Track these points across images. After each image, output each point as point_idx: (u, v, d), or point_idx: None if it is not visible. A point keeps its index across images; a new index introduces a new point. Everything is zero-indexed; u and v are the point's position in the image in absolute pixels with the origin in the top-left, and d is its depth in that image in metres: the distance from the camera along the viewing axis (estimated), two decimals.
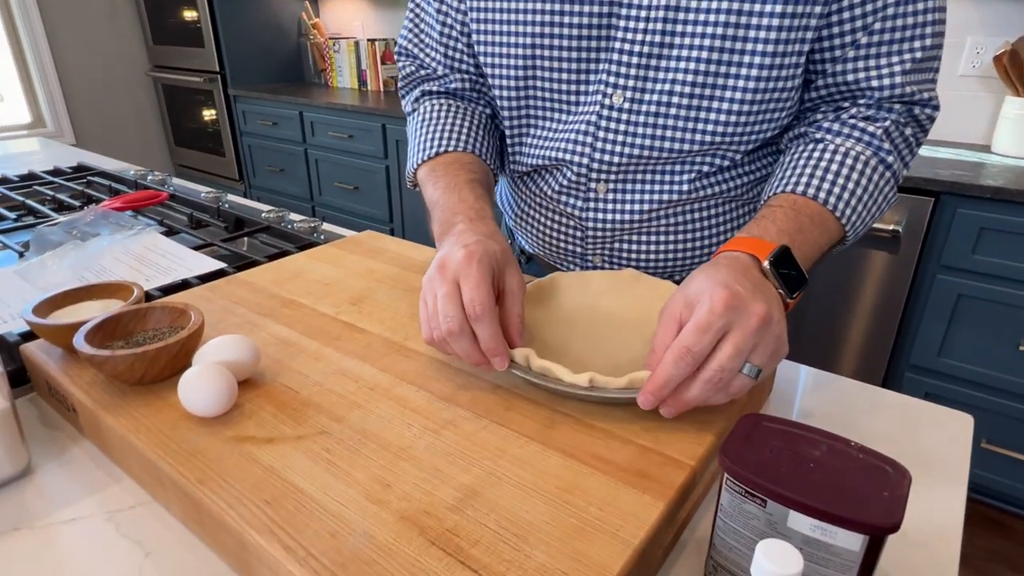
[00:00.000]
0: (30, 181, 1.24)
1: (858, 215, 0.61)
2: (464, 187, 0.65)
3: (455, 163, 0.70)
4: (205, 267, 0.80)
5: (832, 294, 1.67)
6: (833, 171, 0.60)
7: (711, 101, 0.63)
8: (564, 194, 0.73)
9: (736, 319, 0.44)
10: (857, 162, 0.61)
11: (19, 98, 3.08)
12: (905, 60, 0.60)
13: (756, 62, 0.60)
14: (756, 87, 0.61)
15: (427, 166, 0.72)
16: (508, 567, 0.35)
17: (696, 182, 0.69)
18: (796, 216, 0.57)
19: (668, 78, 0.63)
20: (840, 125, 0.63)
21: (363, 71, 3.01)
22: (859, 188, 0.60)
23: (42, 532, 0.44)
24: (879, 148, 0.62)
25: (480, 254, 0.51)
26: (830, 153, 0.61)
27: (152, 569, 0.41)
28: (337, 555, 0.36)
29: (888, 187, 0.63)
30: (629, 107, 0.65)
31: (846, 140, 0.62)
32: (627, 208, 0.71)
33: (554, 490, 0.41)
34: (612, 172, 0.69)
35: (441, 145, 0.72)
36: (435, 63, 0.77)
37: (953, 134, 1.89)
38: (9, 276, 0.76)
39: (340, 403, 0.50)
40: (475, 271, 0.49)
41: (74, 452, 0.52)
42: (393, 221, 2.68)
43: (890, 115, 0.62)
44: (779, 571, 0.28)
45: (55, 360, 0.55)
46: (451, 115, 0.75)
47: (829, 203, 0.59)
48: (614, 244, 0.74)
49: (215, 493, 0.40)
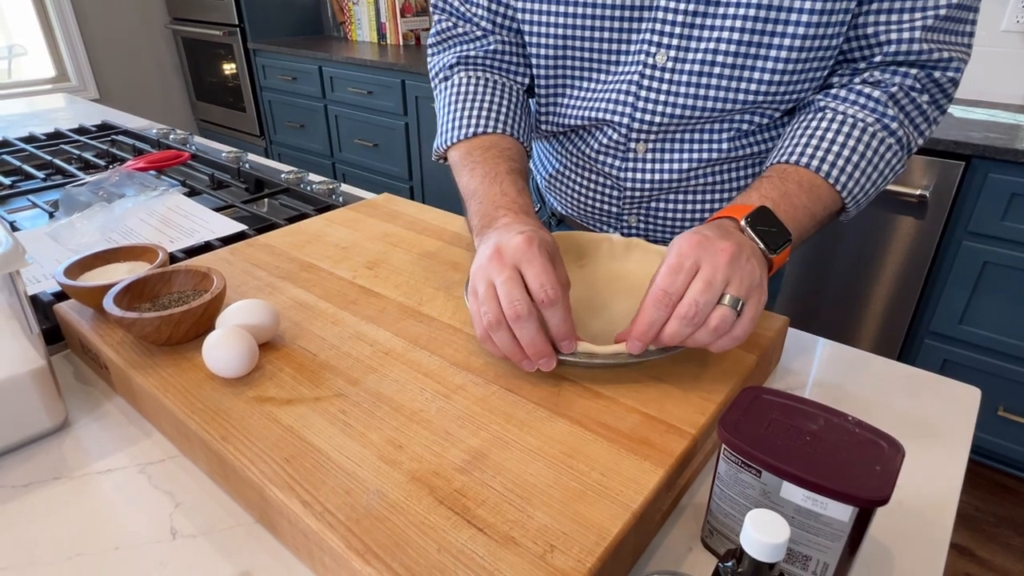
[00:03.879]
0: (56, 140, 1.27)
1: (856, 182, 0.60)
2: (505, 178, 0.62)
3: (494, 148, 0.67)
4: (226, 229, 0.82)
5: (855, 258, 1.65)
6: (828, 139, 0.60)
7: (755, 60, 0.62)
8: (603, 154, 0.73)
9: (704, 255, 0.46)
10: (855, 128, 0.60)
11: (43, 53, 3.09)
12: (928, 15, 0.57)
13: (804, 20, 0.58)
14: (803, 45, 0.60)
15: (462, 147, 0.69)
16: (512, 527, 0.37)
17: (735, 141, 0.69)
18: (782, 183, 0.58)
19: (713, 36, 0.62)
20: (846, 92, 0.62)
21: (382, 24, 2.96)
22: (855, 155, 0.60)
23: (80, 481, 0.47)
24: (883, 114, 0.61)
25: (539, 240, 0.49)
26: (827, 121, 0.61)
27: (182, 518, 0.44)
28: (351, 511, 0.38)
29: (892, 154, 0.62)
30: (672, 66, 0.64)
31: (850, 107, 0.61)
32: (666, 168, 0.70)
33: (558, 455, 0.42)
34: (653, 132, 0.69)
35: (479, 125, 0.69)
36: (478, 18, 0.72)
37: (990, 93, 1.81)
38: (41, 237, 0.79)
39: (356, 366, 0.52)
40: (539, 255, 0.47)
41: (107, 407, 0.55)
42: (412, 179, 2.68)
43: (903, 79, 0.60)
44: (766, 540, 0.29)
45: (87, 320, 0.58)
46: (489, 91, 0.71)
47: (822, 171, 0.59)
48: (651, 204, 0.74)
49: (238, 450, 0.43)
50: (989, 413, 1.59)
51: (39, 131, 1.31)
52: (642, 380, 0.50)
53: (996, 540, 1.54)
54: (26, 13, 3.01)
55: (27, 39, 3.08)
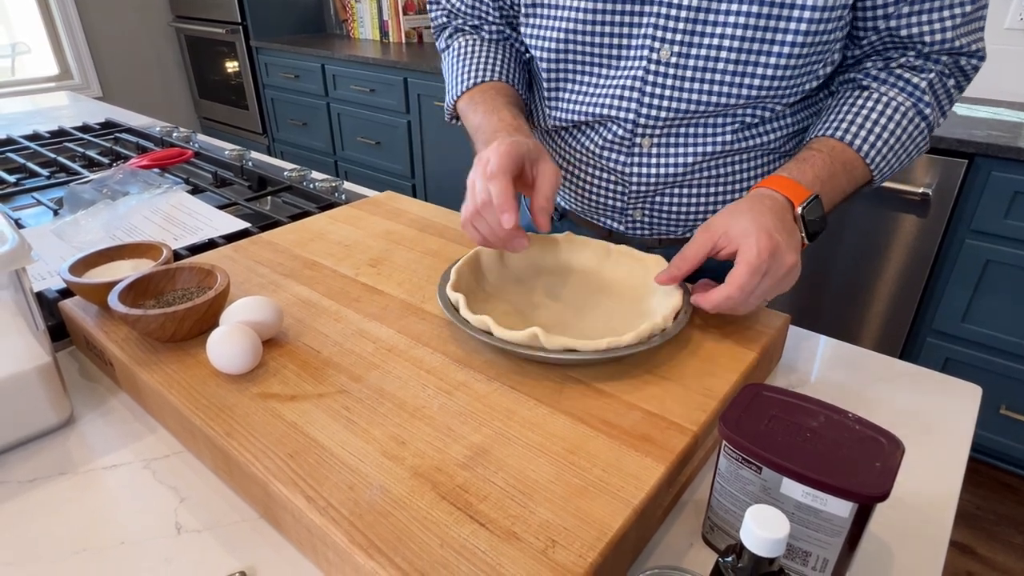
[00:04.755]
0: (60, 138, 1.27)
1: (887, 162, 0.65)
2: (503, 109, 0.70)
3: (491, 90, 0.74)
4: (230, 227, 0.82)
5: (858, 256, 1.64)
6: (872, 119, 0.64)
7: (759, 55, 0.62)
8: (608, 150, 0.74)
9: (773, 266, 0.52)
10: (896, 112, 0.64)
11: (46, 51, 3.10)
12: (956, 14, 0.62)
13: (806, 16, 0.59)
14: (805, 40, 0.61)
15: (466, 97, 0.76)
16: (513, 522, 0.37)
17: (739, 133, 0.69)
18: (831, 163, 0.62)
19: (716, 32, 0.62)
20: (887, 74, 0.66)
21: (385, 22, 2.96)
22: (892, 137, 0.64)
23: (85, 477, 0.48)
24: (920, 99, 0.65)
25: (509, 143, 0.57)
26: (872, 102, 0.65)
27: (187, 513, 0.44)
28: (355, 506, 0.38)
29: (921, 137, 0.67)
30: (677, 62, 0.65)
31: (891, 89, 0.65)
32: (671, 162, 0.71)
33: (560, 451, 0.43)
34: (659, 127, 0.70)
35: (478, 76, 0.76)
36: (462, 15, 0.81)
37: (994, 91, 1.81)
38: (46, 234, 0.79)
39: (359, 363, 0.52)
40: (501, 149, 0.57)
41: (112, 403, 0.55)
42: (415, 177, 2.68)
43: (936, 66, 0.64)
44: (766, 535, 0.29)
45: (91, 316, 0.58)
46: (484, 48, 0.78)
47: (863, 150, 0.63)
48: (655, 198, 0.75)
49: (242, 446, 0.43)
50: (991, 411, 1.59)
51: (43, 129, 1.31)
52: (644, 377, 0.50)
53: (998, 538, 1.54)
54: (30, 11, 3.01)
55: (30, 37, 3.09)
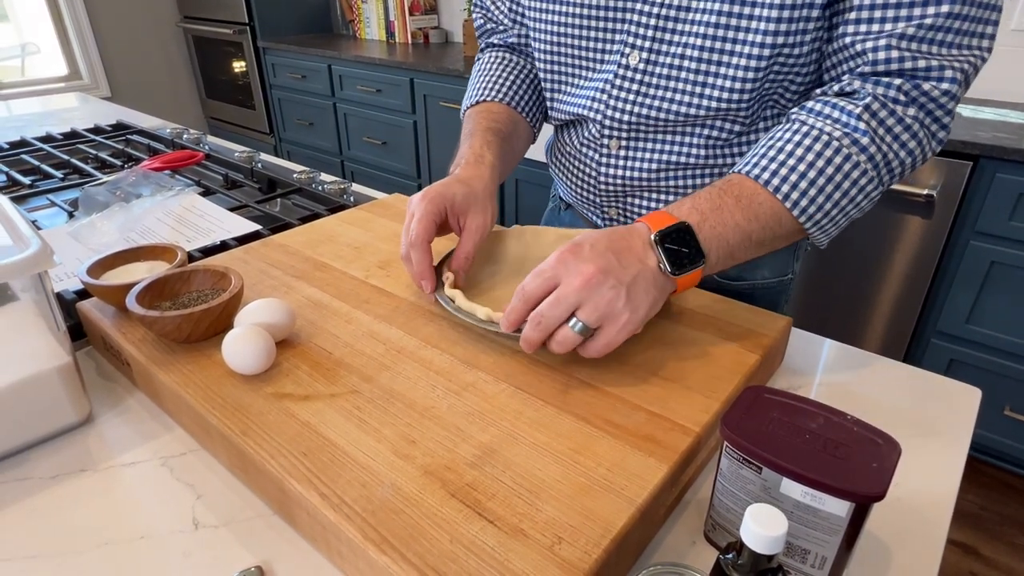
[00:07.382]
0: (73, 140, 1.29)
1: (812, 201, 0.55)
2: (477, 134, 0.71)
3: (483, 111, 0.76)
4: (241, 229, 0.84)
5: (862, 258, 1.65)
6: (787, 151, 0.56)
7: (719, 66, 0.63)
8: (584, 147, 0.77)
9: (563, 273, 0.49)
10: (816, 142, 0.55)
11: (55, 51, 3.13)
12: (908, 23, 0.53)
13: (762, 28, 0.59)
14: (760, 53, 0.61)
15: (468, 112, 0.79)
16: (521, 519, 0.38)
17: (712, 149, 0.70)
18: (720, 195, 0.55)
19: (681, 41, 0.64)
20: (820, 104, 0.58)
21: (391, 22, 2.97)
22: (812, 170, 0.55)
23: (105, 474, 0.49)
24: (854, 128, 0.55)
25: (433, 195, 0.61)
26: (791, 132, 0.57)
27: (204, 510, 0.46)
28: (367, 503, 0.40)
29: (860, 173, 0.55)
30: (644, 67, 0.67)
31: (817, 118, 0.57)
32: (637, 166, 0.74)
33: (566, 451, 0.44)
34: (624, 130, 0.72)
35: (481, 95, 0.79)
36: (500, 14, 0.82)
37: (1001, 92, 1.81)
38: (62, 236, 0.81)
39: (370, 364, 0.53)
40: (422, 208, 0.60)
41: (129, 403, 0.57)
42: (421, 177, 2.70)
43: (885, 89, 0.55)
44: (765, 533, 0.30)
45: (109, 318, 0.60)
46: (500, 67, 0.81)
47: (771, 184, 0.55)
48: (627, 199, 0.77)
49: (258, 444, 0.45)
50: (995, 413, 1.59)
51: (55, 131, 1.33)
52: (648, 379, 0.51)
53: (1001, 539, 1.54)
54: (39, 12, 3.04)
55: (40, 38, 3.12)
